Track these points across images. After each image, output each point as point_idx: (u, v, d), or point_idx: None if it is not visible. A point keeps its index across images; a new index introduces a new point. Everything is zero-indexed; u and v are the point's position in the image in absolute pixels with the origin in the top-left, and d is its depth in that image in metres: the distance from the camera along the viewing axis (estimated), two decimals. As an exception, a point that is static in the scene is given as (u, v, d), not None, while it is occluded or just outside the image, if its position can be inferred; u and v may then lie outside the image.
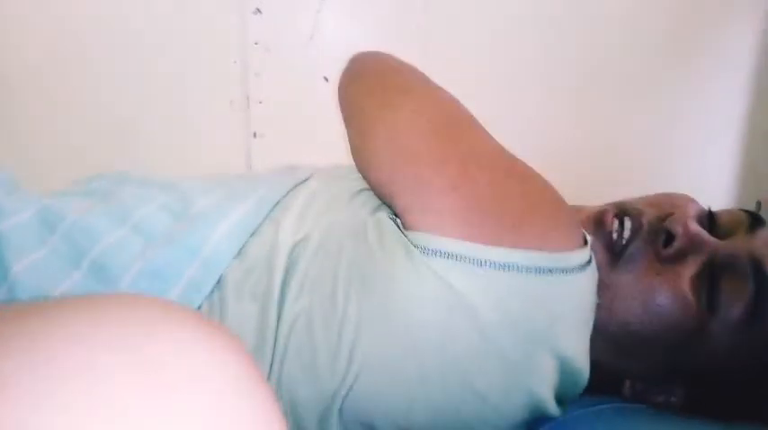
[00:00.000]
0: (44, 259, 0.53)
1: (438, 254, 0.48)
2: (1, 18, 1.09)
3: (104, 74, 1.13)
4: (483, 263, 0.48)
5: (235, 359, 0.30)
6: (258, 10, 1.13)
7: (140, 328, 0.29)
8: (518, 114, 0.70)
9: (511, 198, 0.51)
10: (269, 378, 0.51)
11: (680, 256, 0.57)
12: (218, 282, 0.54)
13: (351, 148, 0.62)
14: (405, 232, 0.51)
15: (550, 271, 0.48)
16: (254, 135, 1.16)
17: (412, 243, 0.49)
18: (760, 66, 1.25)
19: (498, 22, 1.20)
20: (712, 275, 0.56)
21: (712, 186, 0.72)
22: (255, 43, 1.14)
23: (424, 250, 0.49)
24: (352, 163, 0.62)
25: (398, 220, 0.53)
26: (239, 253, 0.56)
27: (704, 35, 1.24)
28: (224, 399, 0.29)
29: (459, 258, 0.48)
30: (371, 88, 0.64)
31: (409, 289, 0.48)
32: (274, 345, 0.51)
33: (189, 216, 0.58)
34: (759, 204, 1.36)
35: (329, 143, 0.75)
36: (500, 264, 0.48)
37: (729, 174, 1.27)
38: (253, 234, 0.57)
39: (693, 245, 0.58)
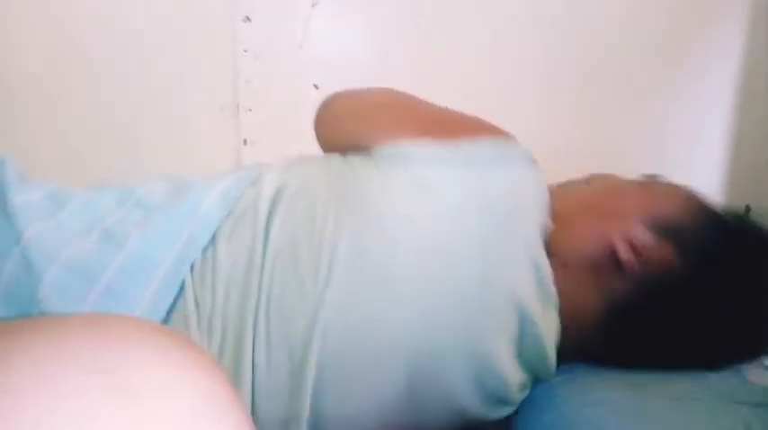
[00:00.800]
0: (55, 227, 0.57)
1: (399, 153, 0.61)
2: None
3: (95, 81, 1.12)
4: (439, 154, 0.61)
5: (206, 376, 0.30)
6: (248, 18, 1.13)
7: (110, 350, 0.29)
8: (513, 117, 0.70)
9: (456, 120, 0.68)
10: (258, 298, 0.56)
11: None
12: (212, 238, 0.60)
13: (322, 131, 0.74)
14: (371, 153, 0.63)
15: (497, 158, 0.62)
16: (245, 142, 1.16)
17: (378, 155, 0.62)
18: (749, 68, 1.26)
19: (492, 27, 1.20)
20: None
21: (702, 188, 0.72)
22: (245, 51, 1.14)
23: (388, 154, 0.62)
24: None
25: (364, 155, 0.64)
26: (228, 214, 0.62)
27: (695, 37, 1.25)
28: (196, 418, 0.28)
29: (418, 153, 0.61)
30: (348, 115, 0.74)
31: (381, 182, 0.60)
32: (262, 268, 0.57)
33: (182, 191, 0.64)
34: (748, 208, 1.37)
35: (319, 151, 0.75)
36: (452, 155, 0.61)
37: (718, 176, 1.27)
38: (238, 198, 0.63)
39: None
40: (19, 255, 0.54)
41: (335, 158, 0.67)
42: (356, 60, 1.17)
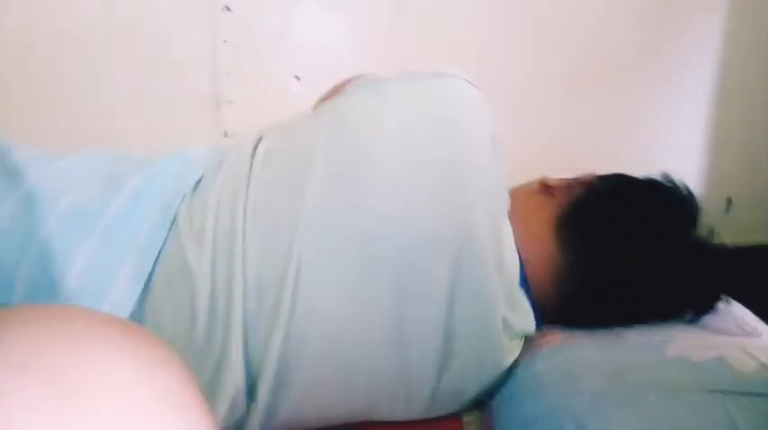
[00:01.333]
0: (57, 173, 0.62)
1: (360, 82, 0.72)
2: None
3: (70, 74, 1.10)
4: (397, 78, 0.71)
5: (162, 371, 0.29)
6: (227, 8, 1.12)
7: (54, 345, 0.28)
8: (494, 110, 0.71)
9: None
10: (245, 203, 0.61)
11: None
12: (198, 181, 0.66)
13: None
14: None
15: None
16: (225, 134, 1.14)
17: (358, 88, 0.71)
18: (728, 61, 1.26)
19: (477, 20, 1.20)
20: None
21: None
22: (225, 41, 1.13)
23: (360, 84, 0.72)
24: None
25: None
26: (216, 156, 0.69)
27: (674, 30, 1.25)
28: (149, 416, 0.27)
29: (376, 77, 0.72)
30: None
31: (346, 98, 0.70)
32: (248, 178, 0.63)
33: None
34: (730, 200, 1.38)
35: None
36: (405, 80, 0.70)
37: (699, 169, 1.28)
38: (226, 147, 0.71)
39: None
40: (24, 195, 0.57)
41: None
42: (339, 51, 1.17)
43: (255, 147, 0.67)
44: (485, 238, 0.64)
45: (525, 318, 0.68)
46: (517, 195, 0.72)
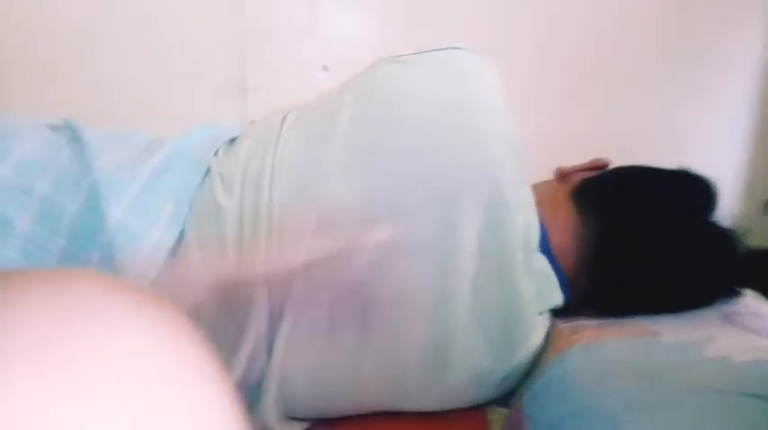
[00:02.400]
0: (105, 137, 0.67)
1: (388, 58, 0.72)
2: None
3: (96, 60, 1.10)
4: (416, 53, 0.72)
5: (180, 340, 0.28)
6: (255, -5, 1.10)
7: (75, 310, 0.26)
8: (524, 109, 0.70)
9: None
10: (275, 151, 0.65)
11: None
12: (232, 139, 0.72)
13: None
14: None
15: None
16: (251, 124, 1.12)
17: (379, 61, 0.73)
18: (766, 62, 1.22)
19: (509, 7, 1.17)
20: None
21: (720, 183, 0.71)
22: (253, 29, 1.12)
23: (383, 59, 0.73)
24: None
25: None
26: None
27: (716, 31, 1.21)
28: (167, 385, 0.26)
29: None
30: None
31: (373, 69, 0.72)
32: (279, 132, 0.67)
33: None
34: (767, 203, 1.34)
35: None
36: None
37: (737, 172, 1.24)
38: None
39: None
40: (78, 147, 0.63)
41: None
42: (366, 40, 1.15)
43: (286, 116, 0.71)
44: (507, 190, 0.65)
45: (550, 286, 0.68)
46: (535, 185, 0.74)
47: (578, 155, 0.79)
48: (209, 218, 0.63)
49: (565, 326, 0.70)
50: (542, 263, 0.69)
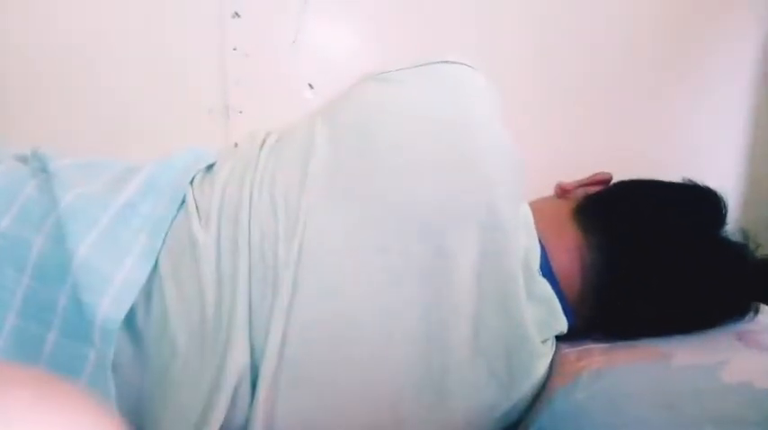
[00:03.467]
0: (76, 166, 0.63)
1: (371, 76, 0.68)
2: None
3: (76, 83, 1.07)
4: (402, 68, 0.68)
5: None
6: (237, 14, 1.07)
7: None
8: (517, 118, 0.67)
9: None
10: (252, 181, 0.62)
11: None
12: (210, 166, 0.68)
13: None
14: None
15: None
16: (236, 146, 1.09)
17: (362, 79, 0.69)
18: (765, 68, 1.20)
19: (496, 26, 1.15)
20: None
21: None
22: (234, 49, 1.08)
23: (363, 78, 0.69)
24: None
25: None
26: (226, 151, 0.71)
27: (716, 37, 1.19)
28: None
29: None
30: None
31: (351, 90, 0.68)
32: (256, 163, 0.64)
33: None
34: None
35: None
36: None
37: (738, 183, 1.21)
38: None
39: None
40: (44, 179, 0.59)
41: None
42: (352, 56, 1.12)
43: (265, 139, 0.68)
44: (505, 214, 0.62)
45: (553, 313, 0.65)
46: (534, 202, 0.71)
47: (577, 168, 0.76)
48: (185, 253, 0.59)
49: (570, 351, 0.66)
50: (545, 288, 0.65)
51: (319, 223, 0.59)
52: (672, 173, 0.72)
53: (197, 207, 0.62)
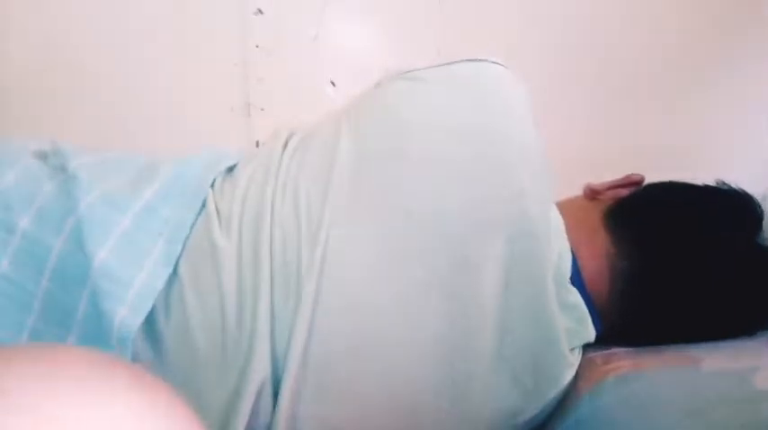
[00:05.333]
0: (97, 162, 0.62)
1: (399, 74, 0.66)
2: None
3: (97, 81, 1.07)
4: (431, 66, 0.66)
5: (166, 417, 0.26)
6: (259, 10, 1.07)
7: (60, 387, 0.25)
8: (548, 117, 0.66)
9: None
10: (275, 185, 0.60)
11: None
12: (231, 167, 0.66)
13: None
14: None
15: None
16: (257, 144, 1.09)
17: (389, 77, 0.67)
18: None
19: (519, 23, 1.13)
20: None
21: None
22: (257, 46, 1.08)
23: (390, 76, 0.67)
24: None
25: None
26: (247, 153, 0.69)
27: (746, 33, 1.16)
28: None
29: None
30: None
31: (378, 90, 0.66)
32: (279, 164, 0.62)
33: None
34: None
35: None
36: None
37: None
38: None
39: None
40: (63, 180, 0.58)
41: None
42: (374, 53, 1.11)
43: (288, 140, 0.66)
44: (536, 222, 0.60)
45: (582, 322, 0.63)
46: (562, 204, 0.69)
47: (606, 169, 0.74)
48: (206, 260, 0.58)
49: (595, 354, 0.65)
50: (575, 297, 0.63)
51: (343, 232, 0.57)
52: (700, 174, 0.71)
53: (217, 211, 0.61)
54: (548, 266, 0.60)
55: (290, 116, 1.08)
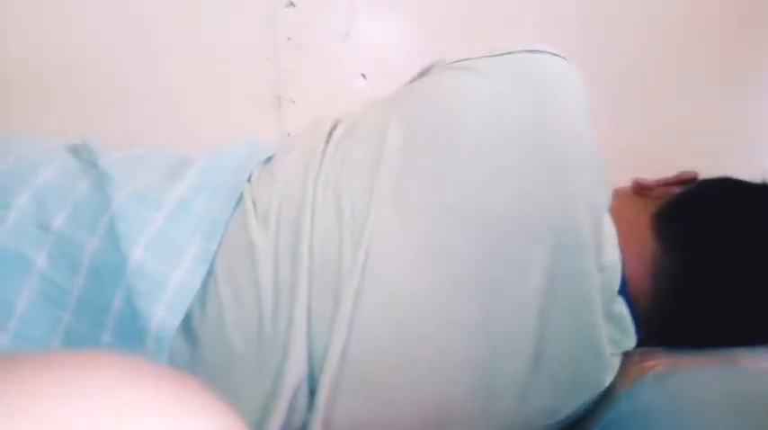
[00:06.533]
0: (128, 157, 0.62)
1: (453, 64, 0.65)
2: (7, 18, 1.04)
3: (126, 76, 1.07)
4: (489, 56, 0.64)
5: (206, 424, 0.25)
6: (291, 3, 1.07)
7: (93, 394, 0.24)
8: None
9: None
10: (316, 179, 0.59)
11: None
12: (267, 159, 0.65)
13: None
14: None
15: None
16: (288, 136, 1.09)
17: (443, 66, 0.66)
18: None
19: (554, 14, 1.12)
20: None
21: None
22: (288, 39, 1.07)
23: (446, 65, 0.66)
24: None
25: None
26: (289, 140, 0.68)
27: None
28: None
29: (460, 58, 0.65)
30: None
31: (430, 80, 0.66)
32: (322, 156, 0.61)
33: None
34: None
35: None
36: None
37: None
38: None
39: None
40: (95, 177, 0.57)
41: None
42: (405, 46, 1.11)
43: (332, 130, 0.64)
44: (586, 232, 0.57)
45: (625, 331, 0.61)
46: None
47: (645, 162, 0.72)
48: (242, 257, 0.57)
49: (634, 352, 0.64)
50: (621, 308, 0.61)
51: (388, 231, 0.56)
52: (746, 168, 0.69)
53: (254, 206, 0.59)
54: (594, 280, 0.58)
55: (320, 109, 1.08)
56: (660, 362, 0.61)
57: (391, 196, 0.57)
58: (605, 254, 0.59)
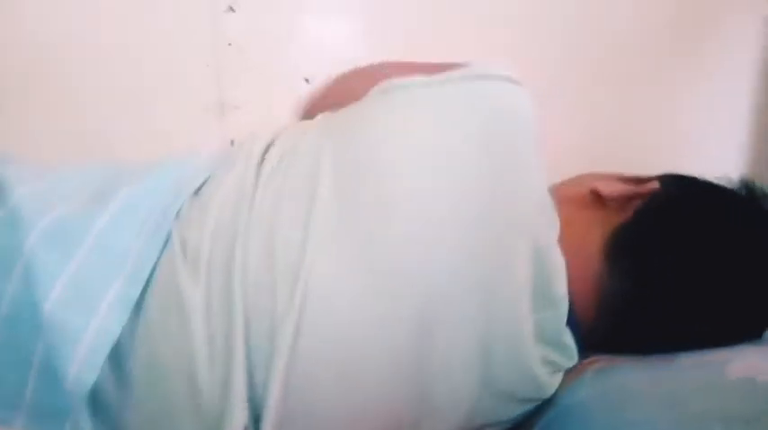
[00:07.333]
0: (45, 188, 0.57)
1: (386, 86, 0.63)
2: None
3: (67, 83, 1.05)
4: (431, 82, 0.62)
5: None
6: (231, 8, 1.05)
7: None
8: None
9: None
10: (248, 218, 0.56)
11: None
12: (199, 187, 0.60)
13: None
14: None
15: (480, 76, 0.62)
16: (232, 143, 1.07)
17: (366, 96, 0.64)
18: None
19: (495, 17, 1.13)
20: None
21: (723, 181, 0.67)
22: (229, 44, 1.07)
23: (375, 91, 0.64)
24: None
25: None
26: (217, 165, 0.63)
27: (715, 22, 1.18)
28: None
29: (404, 80, 0.62)
30: None
31: (364, 108, 0.64)
32: (254, 191, 0.58)
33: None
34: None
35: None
36: (438, 77, 0.62)
37: (740, 169, 1.20)
38: (228, 156, 0.65)
39: None
40: (7, 214, 0.53)
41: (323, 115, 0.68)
42: (349, 49, 1.10)
43: (264, 155, 0.61)
44: (523, 281, 0.57)
45: (569, 356, 0.61)
46: (564, 202, 0.63)
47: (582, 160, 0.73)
48: (172, 305, 0.53)
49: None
50: (567, 337, 0.60)
51: (325, 268, 0.54)
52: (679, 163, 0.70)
53: (183, 247, 0.55)
54: (524, 311, 0.57)
55: (264, 114, 1.08)
56: (599, 359, 0.62)
57: (327, 235, 0.55)
58: (552, 294, 0.58)
